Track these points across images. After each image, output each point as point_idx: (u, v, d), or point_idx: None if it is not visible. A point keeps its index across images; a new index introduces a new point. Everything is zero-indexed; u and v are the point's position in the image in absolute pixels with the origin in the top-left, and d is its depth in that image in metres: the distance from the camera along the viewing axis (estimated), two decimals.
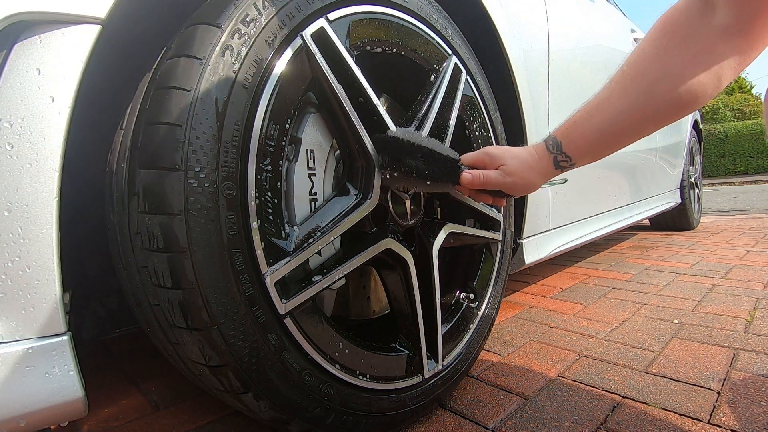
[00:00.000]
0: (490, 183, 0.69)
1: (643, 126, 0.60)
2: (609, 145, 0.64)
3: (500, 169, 0.69)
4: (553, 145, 0.67)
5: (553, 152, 0.67)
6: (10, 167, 0.42)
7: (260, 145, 0.56)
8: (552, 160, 0.68)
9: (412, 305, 0.75)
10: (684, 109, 0.56)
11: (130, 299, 0.61)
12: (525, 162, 0.69)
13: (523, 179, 0.69)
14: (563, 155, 0.67)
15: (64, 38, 0.45)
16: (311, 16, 0.61)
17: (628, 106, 0.58)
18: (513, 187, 0.70)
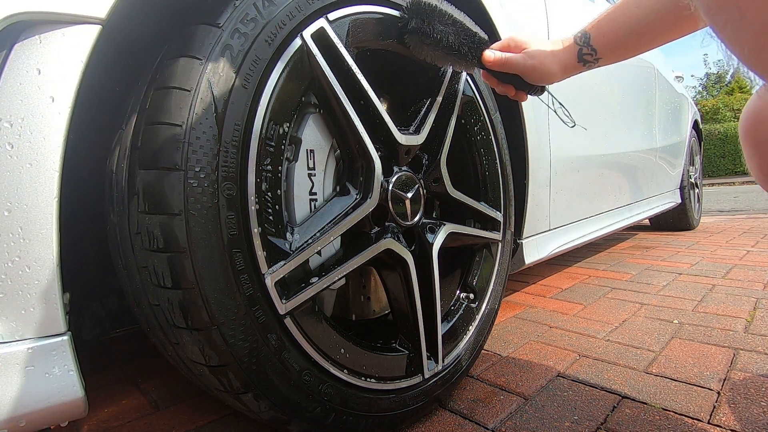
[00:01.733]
0: (511, 64, 0.69)
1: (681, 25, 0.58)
2: (639, 44, 0.63)
3: (524, 53, 0.69)
4: (581, 37, 0.66)
5: (579, 44, 0.66)
6: (10, 167, 0.42)
7: (260, 145, 0.56)
8: (577, 52, 0.66)
9: (412, 305, 0.75)
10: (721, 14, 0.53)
11: (130, 299, 0.61)
12: (549, 50, 0.68)
13: (543, 65, 0.68)
14: (589, 47, 0.65)
15: (64, 38, 0.45)
16: (311, 16, 0.61)
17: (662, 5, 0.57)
18: (532, 71, 0.69)
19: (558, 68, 0.69)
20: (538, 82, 0.71)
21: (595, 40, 0.65)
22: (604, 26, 0.64)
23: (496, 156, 0.97)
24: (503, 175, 1.00)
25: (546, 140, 1.23)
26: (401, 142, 0.73)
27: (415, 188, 0.77)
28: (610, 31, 0.63)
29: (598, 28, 0.65)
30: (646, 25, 0.60)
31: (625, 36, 0.62)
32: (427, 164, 0.83)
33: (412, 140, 0.75)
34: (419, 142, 0.76)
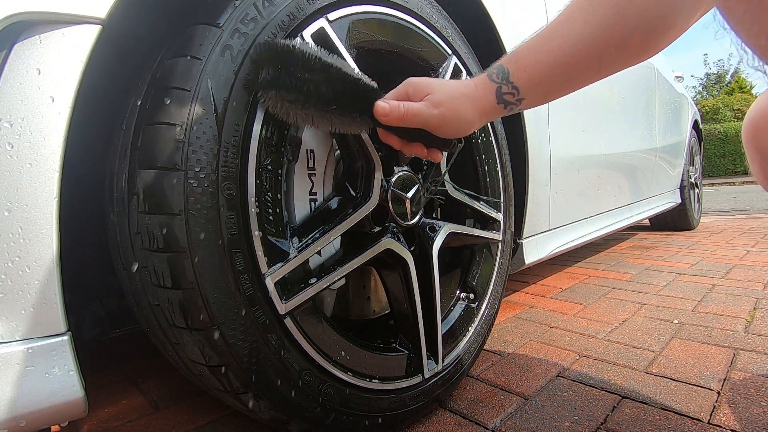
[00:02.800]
0: (412, 115, 0.55)
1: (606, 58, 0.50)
2: (564, 80, 0.53)
3: (426, 99, 0.56)
4: (498, 73, 0.54)
5: (497, 81, 0.54)
6: (10, 167, 0.42)
7: (260, 146, 0.56)
8: (495, 92, 0.54)
9: (412, 305, 0.75)
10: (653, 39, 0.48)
11: (130, 299, 0.61)
12: (458, 92, 0.55)
13: (455, 112, 0.55)
14: (510, 86, 0.54)
15: (64, 38, 0.45)
16: (311, 16, 0.61)
17: (591, 29, 0.48)
18: (441, 122, 0.55)
19: (474, 113, 0.56)
20: (453, 134, 0.58)
21: (516, 77, 0.53)
22: (524, 59, 0.53)
23: (496, 156, 0.97)
24: (503, 175, 1.00)
25: (546, 140, 1.23)
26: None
27: (415, 188, 0.77)
28: (531, 65, 0.53)
29: (516, 62, 0.54)
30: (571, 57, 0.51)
31: (549, 71, 0.52)
32: (427, 164, 0.83)
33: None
34: None
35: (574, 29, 0.50)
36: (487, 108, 0.56)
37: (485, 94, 0.55)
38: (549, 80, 0.53)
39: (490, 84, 0.55)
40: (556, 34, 0.51)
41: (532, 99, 0.55)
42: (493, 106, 0.56)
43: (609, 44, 0.49)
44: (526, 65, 0.53)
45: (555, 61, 0.51)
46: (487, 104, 0.56)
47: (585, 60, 0.51)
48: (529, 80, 0.53)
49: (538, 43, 0.52)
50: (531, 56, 0.53)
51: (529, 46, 0.53)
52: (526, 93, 0.54)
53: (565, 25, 0.51)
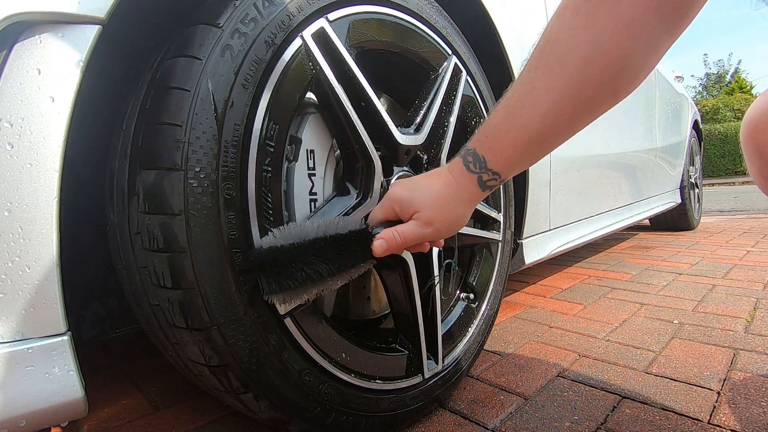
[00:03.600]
0: (409, 240, 0.56)
1: (578, 118, 0.50)
2: (541, 149, 0.53)
3: (415, 219, 0.56)
4: (475, 162, 0.54)
5: (476, 171, 0.54)
6: (10, 167, 0.42)
7: (260, 145, 0.56)
8: (476, 182, 0.55)
9: (412, 305, 0.75)
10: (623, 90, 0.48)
11: (130, 299, 0.61)
12: (443, 197, 0.56)
13: (447, 220, 0.56)
14: (489, 173, 0.54)
15: (64, 38, 0.45)
16: (311, 16, 0.61)
17: (558, 96, 0.47)
18: (438, 235, 0.57)
19: (463, 209, 0.57)
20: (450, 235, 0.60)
21: (494, 163, 0.53)
22: (497, 143, 0.52)
23: None
24: None
25: None
26: (401, 142, 0.73)
27: None
28: (506, 148, 0.52)
29: (490, 147, 0.53)
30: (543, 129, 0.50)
31: (523, 149, 0.52)
32: (428, 164, 0.83)
33: (412, 140, 0.75)
34: (419, 142, 0.76)
35: (541, 100, 0.48)
36: (472, 197, 0.57)
37: (468, 187, 0.56)
38: (526, 156, 0.53)
39: (469, 176, 0.55)
40: (522, 108, 0.50)
41: (511, 175, 0.56)
42: (478, 193, 0.56)
43: (580, 105, 0.48)
44: (501, 149, 0.52)
45: (529, 137, 0.51)
46: (471, 195, 0.56)
47: (559, 126, 0.50)
48: (506, 163, 0.53)
49: (508, 121, 0.51)
50: (504, 139, 0.52)
51: (498, 127, 0.52)
52: (506, 173, 0.55)
53: (531, 97, 0.49)
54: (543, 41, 0.49)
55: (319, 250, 0.53)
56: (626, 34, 0.44)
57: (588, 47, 0.45)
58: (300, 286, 0.52)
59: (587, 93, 0.47)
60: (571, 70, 0.46)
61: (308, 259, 0.52)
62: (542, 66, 0.48)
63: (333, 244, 0.54)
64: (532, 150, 0.52)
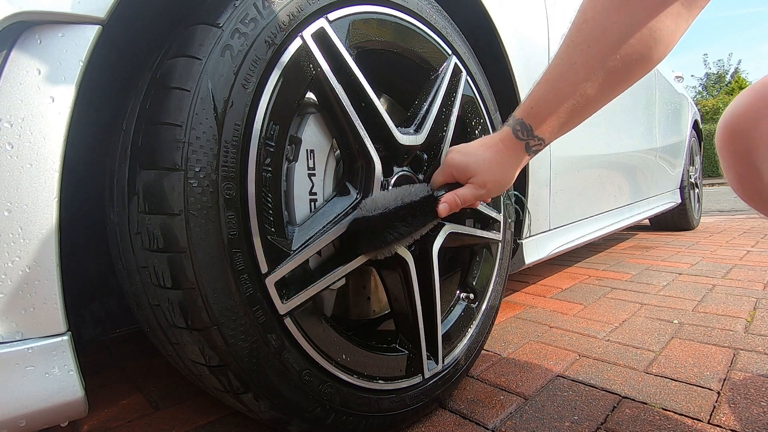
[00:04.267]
0: (468, 201, 0.65)
1: (614, 89, 0.56)
2: (581, 116, 0.59)
3: (471, 183, 0.65)
4: (522, 131, 0.61)
5: (524, 138, 0.61)
6: (10, 167, 0.42)
7: (260, 145, 0.56)
8: (524, 147, 0.62)
9: (412, 305, 0.75)
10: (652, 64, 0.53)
11: (130, 299, 0.61)
12: (495, 162, 0.63)
13: (498, 182, 0.65)
14: (536, 139, 0.61)
15: (64, 38, 0.45)
16: (311, 16, 0.61)
17: (595, 71, 0.53)
18: (490, 194, 0.66)
19: (512, 171, 0.65)
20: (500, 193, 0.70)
21: (540, 130, 0.60)
22: (541, 113, 0.59)
23: None
24: None
25: None
26: (401, 142, 0.73)
27: None
28: (549, 117, 0.59)
29: (536, 116, 0.60)
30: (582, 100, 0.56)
31: (565, 117, 0.58)
32: (428, 164, 0.83)
33: (412, 140, 0.75)
34: (419, 142, 0.76)
35: (579, 74, 0.54)
36: (519, 161, 0.64)
37: (516, 152, 0.63)
38: (567, 122, 0.60)
39: (518, 142, 0.62)
40: (563, 81, 0.56)
41: (553, 139, 0.63)
42: (524, 157, 0.64)
43: (615, 78, 0.54)
44: (546, 117, 0.59)
45: (570, 107, 0.57)
46: (519, 159, 0.64)
47: (596, 97, 0.56)
48: (550, 129, 0.60)
49: (550, 93, 0.57)
50: (547, 108, 0.58)
51: (542, 98, 0.58)
52: (549, 138, 0.62)
53: (571, 71, 0.55)
54: (579, 19, 0.54)
55: (401, 216, 0.64)
56: (655, 12, 0.49)
57: (620, 27, 0.50)
58: (389, 245, 0.65)
59: (621, 67, 0.53)
60: (606, 48, 0.52)
61: (393, 224, 0.64)
62: (580, 42, 0.53)
63: (409, 210, 0.65)
64: (573, 117, 0.59)
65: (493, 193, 0.66)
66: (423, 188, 0.69)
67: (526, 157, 0.64)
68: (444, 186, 0.68)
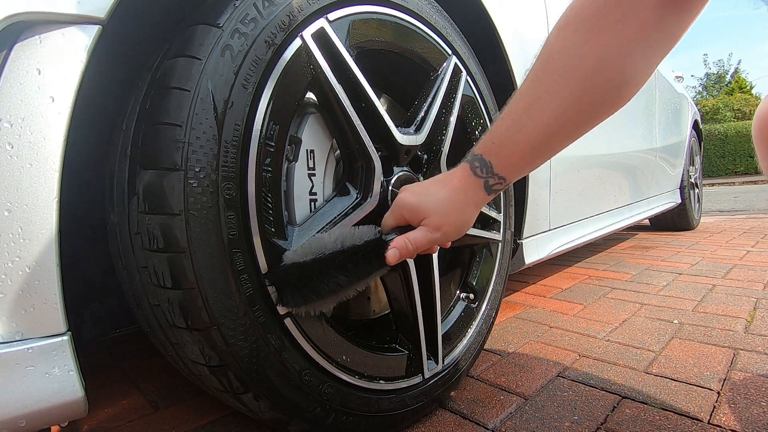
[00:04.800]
0: (421, 246, 0.58)
1: (581, 126, 0.53)
2: (546, 154, 0.55)
3: (425, 225, 0.58)
4: (481, 167, 0.56)
5: (482, 176, 0.56)
6: (10, 167, 0.42)
7: (260, 145, 0.56)
8: (483, 185, 0.57)
9: (412, 305, 0.75)
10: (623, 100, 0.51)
11: (130, 299, 0.61)
12: (451, 201, 0.58)
13: (454, 224, 0.58)
14: (496, 177, 0.56)
15: (64, 38, 0.45)
16: (311, 16, 0.61)
17: (563, 106, 0.50)
18: (446, 238, 0.59)
19: (471, 212, 0.59)
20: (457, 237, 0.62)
21: (499, 168, 0.55)
22: (503, 150, 0.54)
23: None
24: None
25: None
26: (401, 142, 0.73)
27: None
28: (511, 155, 0.54)
29: (497, 153, 0.55)
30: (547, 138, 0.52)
31: (528, 155, 0.54)
32: (427, 164, 0.83)
33: (412, 140, 0.75)
34: (419, 141, 0.76)
35: (545, 111, 0.51)
36: (479, 201, 0.59)
37: (475, 191, 0.57)
38: (530, 161, 0.56)
39: (476, 180, 0.57)
40: (527, 118, 0.52)
41: (516, 179, 0.59)
42: (484, 197, 0.58)
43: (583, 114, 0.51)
44: (507, 155, 0.55)
45: (533, 145, 0.53)
46: (478, 198, 0.58)
47: (562, 134, 0.53)
48: (512, 168, 0.56)
49: (513, 129, 0.53)
50: (509, 146, 0.54)
51: (504, 134, 0.54)
52: (511, 177, 0.57)
53: (535, 108, 0.51)
54: (546, 53, 0.51)
55: (339, 263, 0.55)
56: (626, 51, 0.47)
57: (590, 64, 0.48)
58: (322, 298, 0.55)
59: (589, 104, 0.50)
60: (573, 84, 0.49)
61: (329, 272, 0.55)
62: (546, 78, 0.50)
63: (351, 256, 0.56)
64: (536, 155, 0.55)
65: (451, 237, 0.60)
66: (370, 230, 0.60)
67: (486, 197, 0.58)
68: (395, 229, 0.60)
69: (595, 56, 0.47)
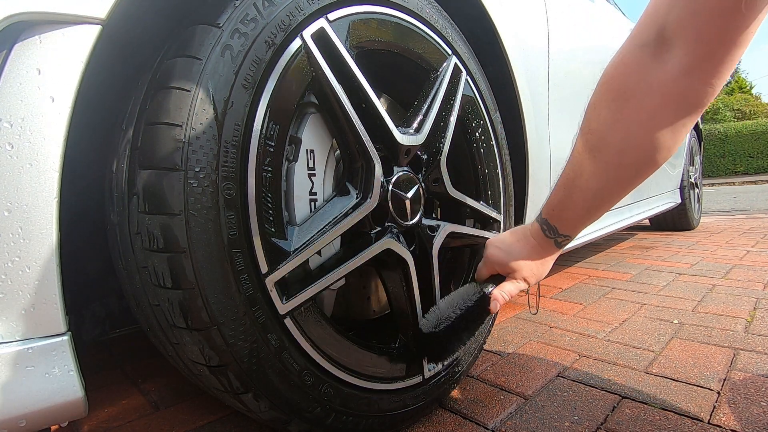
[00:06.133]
0: (513, 295, 0.73)
1: (624, 188, 0.60)
2: (601, 211, 0.64)
3: (514, 278, 0.72)
4: (549, 230, 0.68)
5: (551, 237, 0.68)
6: (10, 167, 0.42)
7: (260, 146, 0.56)
8: (554, 243, 0.70)
9: (412, 305, 0.75)
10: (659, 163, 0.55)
11: (130, 299, 0.61)
12: (531, 258, 0.72)
13: (536, 275, 0.73)
14: (562, 236, 0.68)
15: (64, 38, 0.45)
16: (311, 16, 0.61)
17: (602, 181, 0.58)
18: (530, 284, 0.74)
19: (549, 263, 0.74)
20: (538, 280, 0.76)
21: (563, 228, 0.67)
22: (562, 215, 0.65)
23: (496, 156, 0.97)
24: (503, 175, 1.00)
25: (546, 140, 1.23)
26: (401, 142, 0.73)
27: (415, 188, 0.77)
28: (569, 219, 0.65)
29: (558, 218, 0.66)
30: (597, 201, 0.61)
31: (584, 216, 0.64)
32: (427, 164, 0.83)
33: (412, 140, 0.75)
34: (419, 142, 0.76)
35: (589, 182, 0.59)
36: (553, 254, 0.73)
37: (547, 247, 0.71)
38: (587, 218, 0.65)
39: (548, 240, 0.69)
40: (576, 188, 0.61)
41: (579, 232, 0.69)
42: (556, 250, 0.72)
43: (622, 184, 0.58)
44: (566, 218, 0.66)
45: (587, 209, 0.63)
46: (551, 251, 0.72)
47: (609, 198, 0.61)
48: (573, 227, 0.67)
49: (567, 198, 0.64)
50: (566, 212, 0.65)
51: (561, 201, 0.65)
52: (574, 233, 0.68)
53: (581, 180, 0.60)
54: (585, 128, 0.58)
55: (463, 326, 0.72)
56: (651, 125, 0.51)
57: (620, 138, 0.53)
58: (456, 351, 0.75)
59: (627, 172, 0.57)
60: (608, 158, 0.56)
61: (459, 335, 0.72)
62: (586, 151, 0.58)
63: (468, 315, 0.72)
64: (592, 213, 0.64)
65: (532, 282, 0.74)
66: (473, 289, 0.74)
67: (558, 250, 0.71)
68: (489, 279, 0.76)
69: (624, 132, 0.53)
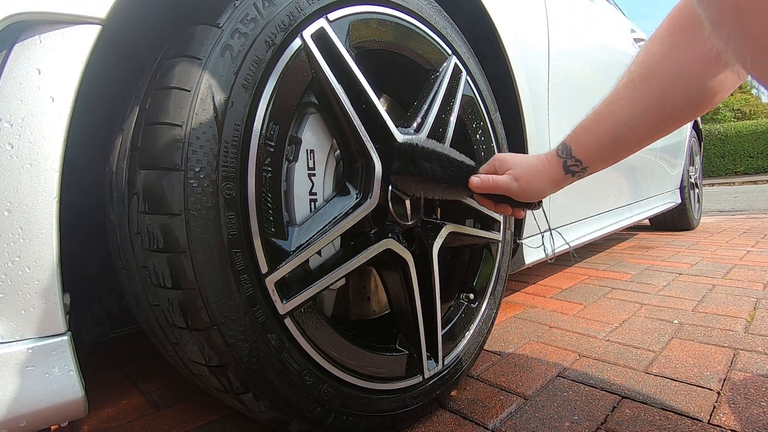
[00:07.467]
0: (499, 187, 0.69)
1: (659, 128, 0.58)
2: (623, 149, 0.62)
3: (508, 174, 0.69)
4: (563, 150, 0.65)
5: (562, 157, 0.65)
6: (10, 167, 0.42)
7: (260, 145, 0.56)
8: (562, 165, 0.66)
9: (412, 305, 0.75)
10: (702, 109, 0.54)
11: (130, 299, 0.61)
12: (533, 166, 0.68)
13: (530, 184, 0.68)
14: (573, 159, 0.65)
15: (64, 38, 0.45)
16: (311, 16, 0.61)
17: (640, 109, 0.56)
18: (520, 191, 0.69)
19: (548, 184, 0.68)
20: (529, 199, 0.71)
21: (578, 152, 0.64)
22: (582, 138, 0.63)
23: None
24: None
25: (546, 140, 1.23)
26: (401, 142, 0.73)
27: None
28: (590, 143, 0.63)
29: (576, 140, 0.64)
30: (627, 132, 0.59)
31: (608, 145, 0.61)
32: None
33: (413, 140, 0.75)
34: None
35: (624, 109, 0.57)
36: (557, 178, 0.68)
37: (554, 168, 0.67)
38: (607, 152, 0.63)
39: (557, 159, 0.66)
40: (609, 113, 0.59)
41: (594, 166, 0.65)
42: (562, 176, 0.67)
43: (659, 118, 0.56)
44: (586, 143, 0.63)
45: (612, 138, 0.60)
46: (556, 175, 0.67)
47: (639, 133, 0.59)
48: (589, 154, 0.64)
49: (595, 122, 0.61)
50: (588, 135, 0.62)
51: (586, 125, 0.62)
52: (588, 163, 0.64)
53: (617, 105, 0.58)
54: (633, 61, 0.57)
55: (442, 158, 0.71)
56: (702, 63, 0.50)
57: (668, 71, 0.53)
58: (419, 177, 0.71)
59: (667, 109, 0.55)
60: (652, 88, 0.54)
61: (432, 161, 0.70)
62: (629, 81, 0.57)
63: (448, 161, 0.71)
64: (616, 148, 0.62)
65: (524, 193, 0.69)
66: (470, 160, 0.75)
67: (563, 176, 0.67)
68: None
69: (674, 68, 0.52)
